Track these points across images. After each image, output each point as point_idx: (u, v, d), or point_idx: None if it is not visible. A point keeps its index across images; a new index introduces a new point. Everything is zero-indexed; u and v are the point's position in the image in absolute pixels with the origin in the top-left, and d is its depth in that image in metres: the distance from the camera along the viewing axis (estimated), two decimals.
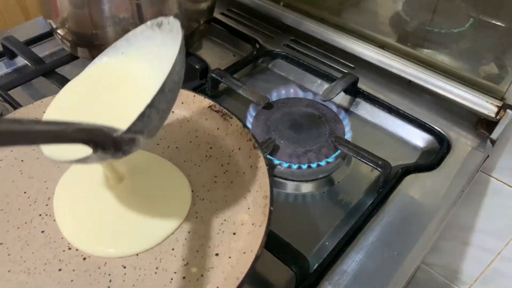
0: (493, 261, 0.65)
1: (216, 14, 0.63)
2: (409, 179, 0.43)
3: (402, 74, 0.53)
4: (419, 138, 0.49)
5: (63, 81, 0.49)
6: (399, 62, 0.53)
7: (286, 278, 0.35)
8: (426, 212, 0.40)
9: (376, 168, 0.40)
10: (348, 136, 0.45)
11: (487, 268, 0.66)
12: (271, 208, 0.29)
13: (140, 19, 0.46)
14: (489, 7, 0.47)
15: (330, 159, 0.42)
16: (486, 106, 0.48)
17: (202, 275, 0.28)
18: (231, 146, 0.36)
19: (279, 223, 0.39)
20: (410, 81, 0.53)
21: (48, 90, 0.51)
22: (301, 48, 0.60)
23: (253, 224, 0.30)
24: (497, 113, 0.47)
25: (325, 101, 0.47)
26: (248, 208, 0.32)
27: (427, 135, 0.48)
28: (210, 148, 0.37)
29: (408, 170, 0.43)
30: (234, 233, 0.30)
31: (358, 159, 0.41)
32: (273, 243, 0.34)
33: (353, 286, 0.34)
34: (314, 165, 0.42)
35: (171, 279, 0.28)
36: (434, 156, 0.46)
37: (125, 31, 0.46)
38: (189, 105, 0.39)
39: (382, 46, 0.55)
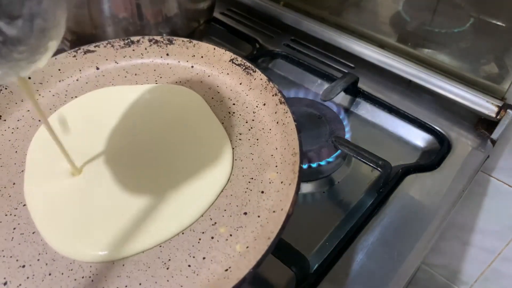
0: (494, 261, 0.65)
1: (216, 14, 0.63)
2: (409, 179, 0.43)
3: (403, 74, 0.53)
4: (419, 138, 0.48)
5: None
6: (399, 62, 0.53)
7: (286, 278, 0.35)
8: (426, 212, 0.40)
9: (376, 168, 0.40)
10: (348, 136, 0.45)
11: (488, 268, 0.66)
12: (301, 165, 0.28)
13: (140, 19, 0.46)
14: (489, 7, 0.47)
15: (330, 159, 0.42)
16: (486, 106, 0.48)
17: (230, 235, 0.27)
18: (255, 101, 0.35)
19: None
20: (410, 81, 0.53)
21: None
22: (301, 48, 0.60)
23: (282, 182, 0.29)
24: (498, 113, 0.47)
25: (325, 101, 0.47)
26: (276, 166, 0.31)
27: (427, 135, 0.48)
28: (233, 104, 0.36)
29: (408, 170, 0.43)
30: (263, 192, 0.30)
31: (358, 159, 0.41)
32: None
33: (354, 286, 0.34)
34: (314, 165, 0.42)
35: (199, 239, 0.27)
36: (435, 156, 0.46)
37: (125, 31, 0.46)
38: (209, 59, 0.37)
39: (383, 46, 0.55)
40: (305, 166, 0.41)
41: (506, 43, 0.47)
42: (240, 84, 0.37)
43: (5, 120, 0.34)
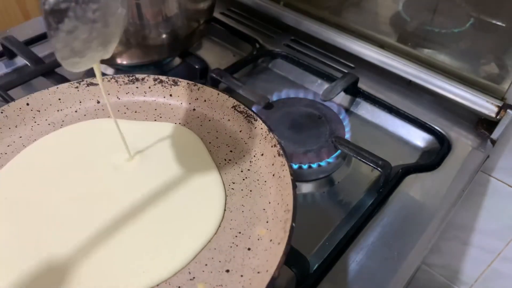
0: (494, 261, 0.65)
1: (216, 14, 0.63)
2: (409, 179, 0.43)
3: (403, 74, 0.53)
4: (419, 138, 0.48)
5: (62, 81, 0.49)
6: (399, 62, 0.53)
7: (286, 278, 0.35)
8: (426, 212, 0.40)
9: (376, 168, 0.40)
10: (348, 136, 0.44)
11: (488, 268, 0.66)
12: (293, 224, 0.26)
13: (140, 19, 0.46)
14: (489, 7, 0.47)
15: (330, 159, 0.42)
16: (486, 106, 0.48)
17: None
18: (253, 150, 0.34)
19: None
20: (410, 81, 0.53)
21: None
22: (301, 48, 0.60)
23: (271, 240, 0.28)
24: (498, 113, 0.47)
25: (325, 101, 0.47)
26: (267, 222, 0.29)
27: (427, 135, 0.48)
28: (230, 151, 0.35)
29: (408, 170, 0.43)
30: (249, 249, 0.28)
31: (358, 159, 0.41)
32: None
33: (354, 286, 0.34)
34: (314, 165, 0.42)
35: None
36: (435, 156, 0.46)
37: (125, 31, 0.46)
38: (212, 103, 0.37)
39: (383, 46, 0.55)
40: (305, 166, 0.41)
41: (506, 43, 0.47)
42: (240, 131, 0.36)
43: None
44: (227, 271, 0.27)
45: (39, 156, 0.33)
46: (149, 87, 0.38)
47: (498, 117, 0.47)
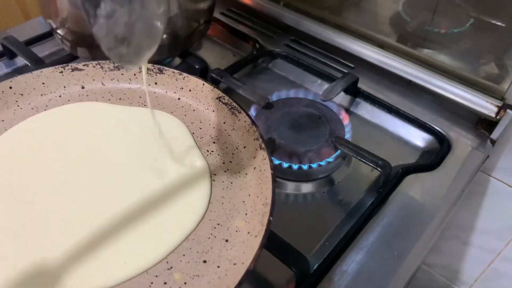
0: (494, 261, 0.65)
1: (216, 14, 0.63)
2: (409, 179, 0.43)
3: (402, 74, 0.53)
4: (419, 138, 0.49)
5: None
6: (399, 62, 0.53)
7: (286, 278, 0.35)
8: (426, 212, 0.40)
9: (376, 168, 0.40)
10: (348, 136, 0.45)
11: (488, 268, 0.66)
12: (271, 218, 0.26)
13: None
14: (489, 7, 0.47)
15: (330, 159, 0.42)
16: (486, 106, 0.48)
17: (185, 283, 0.25)
18: (236, 143, 0.34)
19: (279, 223, 0.39)
20: (410, 81, 0.53)
21: None
22: (301, 48, 0.60)
23: (248, 232, 0.28)
24: (497, 113, 0.47)
25: (325, 101, 0.47)
26: (246, 214, 0.29)
27: (427, 135, 0.48)
28: (213, 142, 0.35)
29: (408, 170, 0.43)
30: (227, 240, 0.28)
31: (358, 159, 0.41)
32: (273, 243, 0.34)
33: (353, 286, 0.34)
34: (314, 165, 0.42)
35: (151, 283, 0.25)
36: (435, 156, 0.46)
37: None
38: (197, 93, 0.37)
39: (382, 46, 0.55)
40: (305, 167, 0.41)
41: (506, 43, 0.47)
42: (224, 123, 0.36)
43: None
44: (204, 261, 0.27)
45: (21, 140, 0.33)
46: (134, 74, 0.37)
47: (498, 117, 0.47)
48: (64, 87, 0.36)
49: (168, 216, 0.29)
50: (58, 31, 0.49)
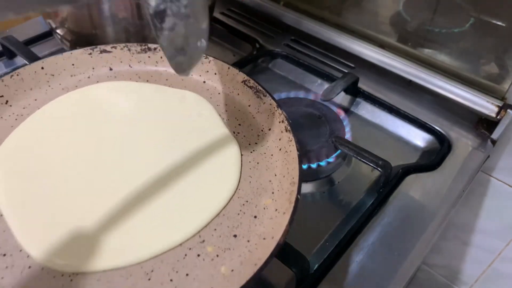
0: (494, 261, 0.65)
1: (216, 14, 0.63)
2: (409, 179, 0.43)
3: (403, 74, 0.53)
4: (419, 138, 0.48)
5: None
6: (399, 62, 0.53)
7: (286, 278, 0.35)
8: (426, 212, 0.40)
9: (376, 168, 0.40)
10: (348, 136, 0.44)
11: (488, 268, 0.66)
12: (299, 196, 0.27)
13: (139, 19, 0.46)
14: (489, 7, 0.47)
15: (330, 159, 0.42)
16: (486, 106, 0.48)
17: (217, 255, 0.27)
18: (261, 125, 0.35)
19: None
20: (410, 81, 0.53)
21: None
22: (301, 48, 0.60)
23: (276, 210, 0.29)
24: (498, 113, 0.47)
25: (325, 101, 0.47)
26: (273, 193, 0.30)
27: (427, 135, 0.48)
28: (239, 124, 0.35)
29: (408, 170, 0.43)
30: (255, 216, 0.29)
31: (359, 159, 0.41)
32: None
33: (354, 286, 0.34)
34: (314, 165, 0.41)
35: (185, 255, 0.27)
36: (435, 156, 0.45)
37: (125, 31, 0.46)
38: (222, 77, 0.37)
39: (383, 45, 0.55)
40: (305, 167, 0.41)
41: (506, 43, 0.47)
42: (249, 106, 0.37)
43: (11, 106, 0.34)
44: (235, 236, 0.28)
45: (54, 117, 0.34)
46: (161, 57, 0.38)
47: (498, 117, 0.47)
48: (93, 68, 0.37)
49: (200, 193, 0.30)
50: (58, 31, 0.49)
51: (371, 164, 0.40)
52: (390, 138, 0.49)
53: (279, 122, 0.34)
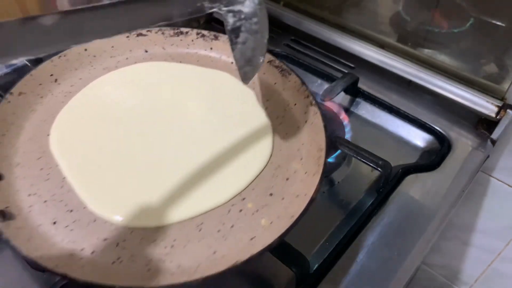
0: (494, 261, 0.65)
1: (216, 14, 0.63)
2: (409, 179, 0.43)
3: (403, 74, 0.53)
4: (419, 138, 0.49)
5: None
6: (399, 62, 0.53)
7: (286, 278, 0.35)
8: (426, 212, 0.40)
9: (376, 168, 0.40)
10: (348, 136, 0.44)
11: (488, 268, 0.66)
12: (326, 160, 0.32)
13: None
14: (489, 7, 0.47)
15: (330, 159, 0.42)
16: (486, 106, 0.48)
17: (257, 210, 0.31)
18: (287, 101, 0.38)
19: None
20: (410, 81, 0.53)
21: None
22: (301, 48, 0.60)
23: (306, 172, 0.32)
24: (498, 113, 0.47)
25: (325, 101, 0.47)
26: (301, 159, 0.34)
27: (427, 135, 0.48)
28: (267, 100, 0.38)
29: (408, 170, 0.43)
30: (288, 179, 0.33)
31: (358, 159, 0.41)
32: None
33: (353, 286, 0.34)
34: None
35: (229, 210, 0.31)
36: (435, 156, 0.46)
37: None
38: None
39: (383, 46, 0.55)
40: None
41: (506, 43, 0.47)
42: (275, 83, 0.40)
43: (59, 84, 0.37)
44: (271, 194, 0.32)
45: (100, 93, 0.37)
46: (192, 40, 0.41)
47: (498, 117, 0.47)
48: (130, 50, 0.40)
49: (240, 160, 0.34)
50: None
51: (371, 164, 0.40)
52: (390, 138, 0.49)
53: (304, 97, 0.37)
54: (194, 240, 0.29)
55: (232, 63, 0.40)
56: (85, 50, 0.38)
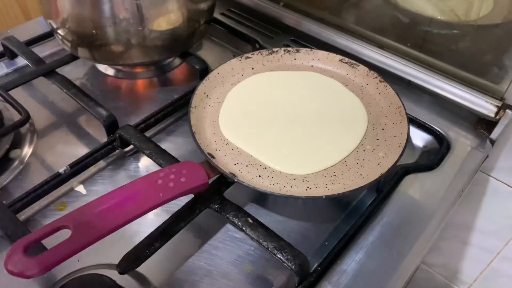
0: (493, 261, 0.65)
1: (216, 14, 0.63)
2: (409, 179, 0.43)
3: (402, 74, 0.53)
4: (419, 138, 0.49)
5: (63, 81, 0.49)
6: (399, 62, 0.53)
7: (286, 278, 0.35)
8: (425, 212, 0.41)
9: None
10: None
11: (487, 268, 0.66)
12: (405, 109, 0.44)
13: (140, 19, 0.46)
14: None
15: None
16: (485, 106, 0.48)
17: (373, 149, 0.42)
18: (360, 84, 0.50)
19: (279, 223, 0.39)
20: (410, 81, 0.53)
21: (48, 90, 0.51)
22: None
23: (393, 123, 0.44)
24: (497, 113, 0.47)
25: None
26: (386, 116, 0.45)
27: (427, 135, 0.49)
28: (346, 85, 0.50)
29: (408, 170, 0.44)
30: (383, 129, 0.44)
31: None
32: (273, 243, 0.34)
33: (353, 286, 0.34)
34: None
35: (357, 151, 0.42)
36: (434, 156, 0.46)
37: (125, 31, 0.46)
38: (324, 60, 0.52)
39: (382, 46, 0.55)
40: None
41: (505, 43, 0.47)
42: (347, 74, 0.51)
43: (210, 98, 0.48)
44: (377, 139, 0.43)
45: (240, 97, 0.49)
46: (281, 55, 0.53)
47: (497, 117, 0.47)
48: (242, 69, 0.52)
49: (352, 124, 0.45)
50: (59, 31, 0.49)
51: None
52: None
53: (373, 78, 0.49)
54: (346, 170, 0.40)
55: (311, 66, 0.53)
56: (218, 73, 0.49)
